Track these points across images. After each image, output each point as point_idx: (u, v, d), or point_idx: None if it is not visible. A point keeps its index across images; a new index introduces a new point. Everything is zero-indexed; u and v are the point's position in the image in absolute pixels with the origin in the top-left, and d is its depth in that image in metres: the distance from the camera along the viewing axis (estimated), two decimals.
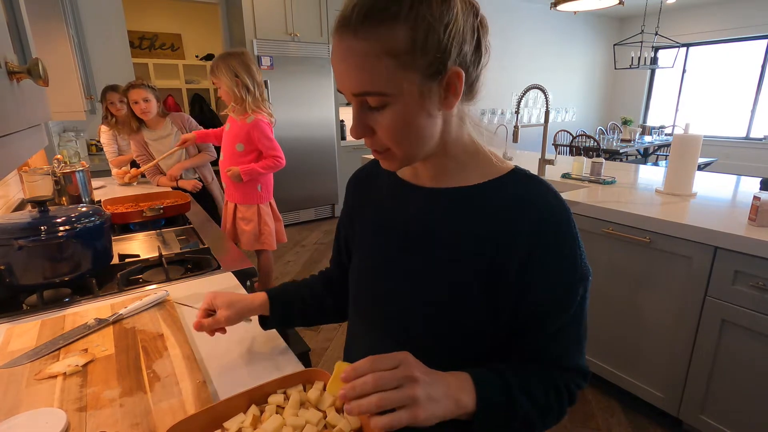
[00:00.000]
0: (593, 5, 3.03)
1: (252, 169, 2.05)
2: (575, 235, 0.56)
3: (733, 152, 6.23)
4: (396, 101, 0.51)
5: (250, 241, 2.19)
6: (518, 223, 0.55)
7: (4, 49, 0.52)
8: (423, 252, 0.61)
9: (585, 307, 0.59)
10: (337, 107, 4.31)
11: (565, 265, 0.56)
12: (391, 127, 0.52)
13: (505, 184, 0.59)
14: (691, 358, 1.51)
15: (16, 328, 0.88)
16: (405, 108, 0.51)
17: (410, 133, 0.53)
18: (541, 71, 6.37)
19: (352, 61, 0.50)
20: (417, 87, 0.50)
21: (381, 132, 0.53)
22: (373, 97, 0.51)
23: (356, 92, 0.51)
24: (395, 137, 0.53)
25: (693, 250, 1.45)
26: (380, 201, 0.70)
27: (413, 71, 0.49)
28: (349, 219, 0.76)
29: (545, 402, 0.56)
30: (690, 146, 1.77)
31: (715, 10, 6.15)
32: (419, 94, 0.51)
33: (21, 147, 0.56)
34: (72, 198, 1.84)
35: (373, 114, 0.53)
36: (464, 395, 0.51)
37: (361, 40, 0.48)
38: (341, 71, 0.52)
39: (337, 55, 0.51)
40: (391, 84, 0.50)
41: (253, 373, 0.74)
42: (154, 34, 5.13)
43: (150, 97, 2.27)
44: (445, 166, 0.61)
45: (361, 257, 0.71)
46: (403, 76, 0.49)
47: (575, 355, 0.59)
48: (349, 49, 0.49)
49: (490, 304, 0.57)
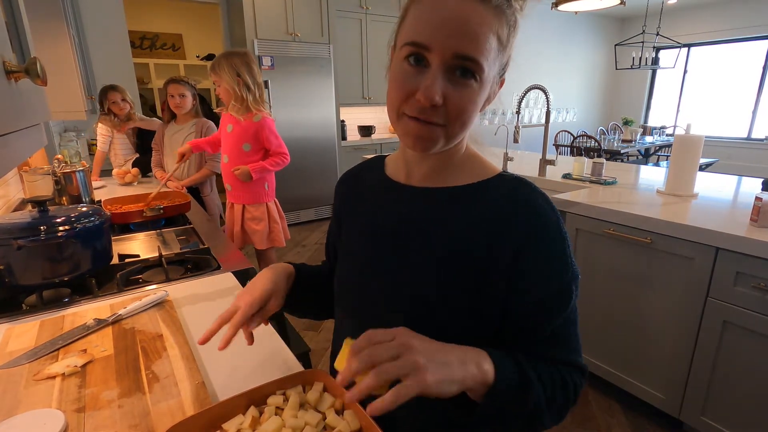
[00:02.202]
0: (594, 5, 3.03)
1: (262, 166, 2.07)
2: (564, 235, 0.57)
3: (734, 153, 6.23)
4: (482, 81, 0.52)
5: (262, 240, 2.20)
6: (512, 226, 0.55)
7: (2, 48, 0.51)
8: (410, 251, 0.61)
9: (576, 308, 0.59)
10: (337, 107, 4.31)
11: (558, 265, 0.56)
12: (467, 102, 0.52)
13: (494, 186, 0.59)
14: (692, 359, 1.51)
15: (15, 328, 0.87)
16: (481, 90, 0.53)
17: (472, 115, 0.54)
18: (541, 71, 6.37)
19: (475, 23, 0.49)
20: (492, 77, 0.54)
21: (453, 104, 0.52)
22: (474, 65, 0.50)
23: (464, 54, 0.49)
24: (462, 114, 0.53)
25: (694, 251, 1.44)
26: (370, 201, 0.69)
27: (498, 62, 0.53)
28: (337, 224, 0.75)
29: (552, 389, 0.54)
30: (691, 146, 1.77)
31: (717, 10, 6.14)
32: (490, 84, 0.54)
33: (20, 146, 0.56)
34: (72, 198, 1.84)
35: (454, 84, 0.51)
36: (485, 363, 0.49)
37: (489, 10, 0.49)
38: (454, 27, 0.49)
39: (455, 10, 0.49)
40: (489, 62, 0.51)
41: (252, 373, 0.74)
42: (155, 34, 5.13)
43: (186, 94, 2.38)
44: (441, 165, 0.61)
45: (347, 256, 0.70)
46: (495, 62, 0.53)
47: (573, 353, 0.59)
48: (476, 12, 0.49)
49: (479, 305, 0.57)
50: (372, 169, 0.73)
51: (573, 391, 0.58)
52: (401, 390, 0.42)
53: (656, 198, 1.82)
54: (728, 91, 6.31)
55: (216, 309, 0.97)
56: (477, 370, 0.48)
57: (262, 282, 0.66)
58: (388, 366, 0.44)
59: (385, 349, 0.45)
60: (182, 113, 2.44)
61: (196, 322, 0.91)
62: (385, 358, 0.44)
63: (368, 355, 0.45)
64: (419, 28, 0.50)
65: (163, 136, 2.52)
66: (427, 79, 0.50)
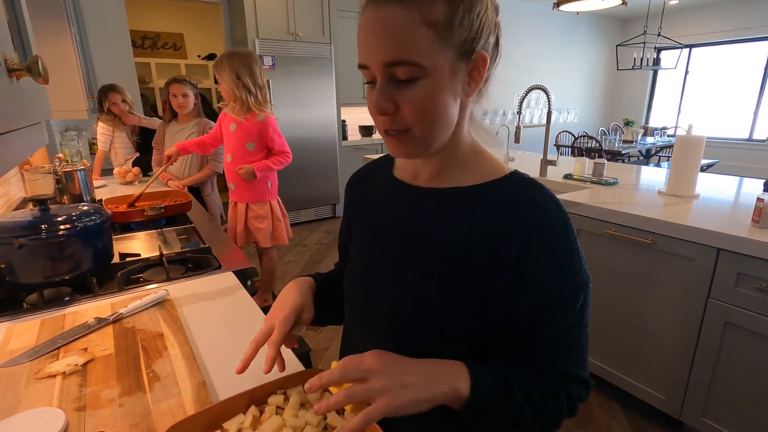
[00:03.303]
0: (596, 6, 3.03)
1: (265, 165, 2.09)
2: (573, 240, 0.55)
3: (736, 154, 6.22)
4: (428, 75, 0.50)
5: (266, 238, 2.21)
6: (514, 226, 0.54)
7: (4, 46, 0.51)
8: (416, 252, 0.60)
9: (586, 316, 0.57)
10: (338, 107, 4.31)
11: (563, 270, 0.54)
12: (420, 101, 0.51)
13: (502, 187, 0.58)
14: (693, 360, 1.51)
15: (16, 326, 0.87)
16: (435, 84, 0.51)
17: (436, 112, 0.52)
18: (543, 71, 6.36)
19: (390, 28, 0.48)
20: (449, 64, 0.51)
21: (406, 107, 0.51)
22: (407, 67, 0.49)
23: (390, 61, 0.49)
24: (421, 114, 0.52)
25: (696, 251, 1.44)
26: (376, 201, 0.69)
27: (448, 47, 0.50)
28: (348, 223, 0.75)
29: (541, 403, 0.54)
30: (693, 147, 1.77)
31: (718, 11, 6.14)
32: (450, 72, 0.51)
33: (21, 145, 0.56)
34: (73, 197, 1.84)
35: (401, 88, 0.51)
36: (458, 381, 0.51)
37: (403, 7, 0.48)
38: (374, 40, 0.50)
39: (372, 23, 0.50)
40: (427, 55, 0.49)
41: (252, 373, 0.74)
42: (156, 34, 5.14)
43: (189, 93, 2.39)
44: (446, 165, 0.61)
45: (356, 257, 0.70)
46: (439, 50, 0.49)
47: (575, 364, 0.58)
48: (389, 16, 0.48)
49: (482, 307, 0.56)
50: (380, 169, 0.72)
51: (568, 404, 0.57)
52: (368, 413, 0.46)
53: (657, 198, 1.82)
54: (729, 92, 6.30)
55: (216, 308, 0.97)
56: (448, 388, 0.50)
57: (290, 296, 0.66)
58: (355, 389, 0.47)
59: (354, 372, 0.48)
60: (185, 113, 2.44)
61: (196, 322, 0.91)
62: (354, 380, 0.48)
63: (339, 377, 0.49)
64: (359, 50, 0.53)
65: (164, 136, 2.52)
66: (373, 95, 0.52)
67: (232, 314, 0.94)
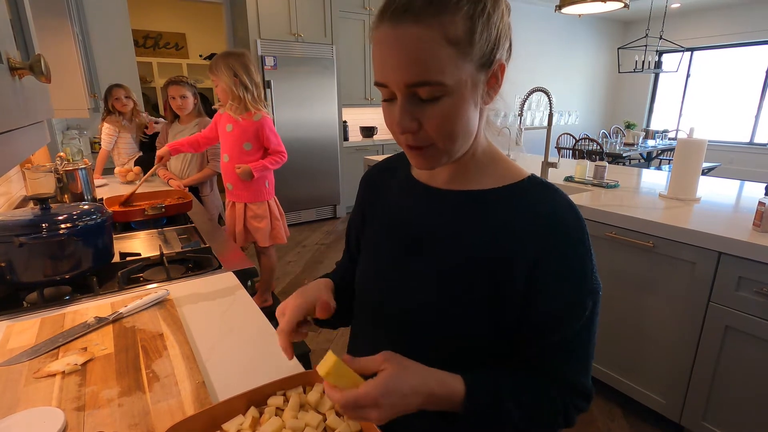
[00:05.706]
0: (598, 8, 3.03)
1: (262, 165, 2.10)
2: (588, 247, 0.55)
3: (737, 157, 6.22)
4: (451, 93, 0.49)
5: (265, 237, 2.22)
6: (529, 230, 0.54)
7: (7, 45, 0.51)
8: (429, 254, 0.60)
9: (594, 323, 0.57)
10: (339, 108, 4.31)
11: (575, 277, 0.54)
12: (444, 119, 0.50)
13: (519, 191, 0.58)
14: (693, 363, 1.50)
15: (16, 325, 0.87)
16: (458, 99, 0.50)
17: (460, 127, 0.52)
18: (544, 74, 6.36)
19: (411, 48, 0.47)
20: (471, 78, 0.50)
21: (430, 125, 0.51)
22: (430, 87, 0.48)
23: (412, 82, 0.48)
24: (445, 130, 0.51)
25: (696, 255, 1.44)
26: (391, 200, 0.69)
27: (469, 61, 0.49)
28: (361, 216, 0.75)
29: (535, 412, 0.55)
30: (694, 150, 1.76)
31: (720, 14, 6.14)
32: (471, 85, 0.51)
33: (23, 144, 0.56)
34: (74, 196, 1.84)
35: (423, 106, 0.50)
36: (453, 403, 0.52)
37: (424, 27, 0.46)
38: (394, 59, 0.48)
39: (391, 41, 0.48)
40: (449, 74, 0.48)
41: (252, 374, 0.74)
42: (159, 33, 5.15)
43: (187, 95, 2.39)
44: (465, 168, 0.60)
45: (367, 256, 0.70)
46: (462, 66, 0.49)
47: (578, 373, 0.57)
48: (408, 35, 0.47)
49: (492, 312, 0.56)
50: (398, 166, 0.72)
51: (564, 415, 0.57)
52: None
53: (658, 202, 1.81)
54: (731, 95, 6.30)
55: (216, 308, 0.96)
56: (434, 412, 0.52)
57: (308, 288, 0.66)
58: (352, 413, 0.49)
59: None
60: (184, 114, 2.45)
61: (196, 322, 0.90)
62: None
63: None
64: (376, 68, 0.52)
65: (167, 136, 2.53)
66: (395, 114, 0.52)
67: (232, 314, 0.94)
